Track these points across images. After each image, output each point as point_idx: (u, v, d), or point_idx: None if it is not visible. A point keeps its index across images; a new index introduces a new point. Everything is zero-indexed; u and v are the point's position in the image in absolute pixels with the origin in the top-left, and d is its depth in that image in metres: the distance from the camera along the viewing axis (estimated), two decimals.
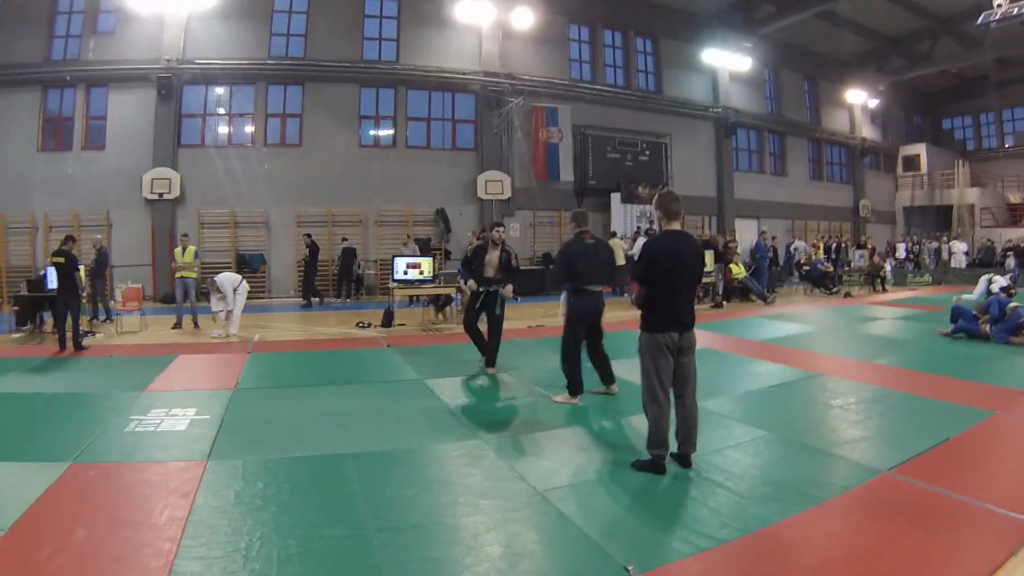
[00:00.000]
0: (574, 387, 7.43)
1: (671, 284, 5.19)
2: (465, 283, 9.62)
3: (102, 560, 3.80)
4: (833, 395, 7.51)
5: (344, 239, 20.68)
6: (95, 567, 3.73)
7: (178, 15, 20.76)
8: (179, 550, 3.89)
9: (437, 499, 4.78)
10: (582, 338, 7.48)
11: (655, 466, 5.11)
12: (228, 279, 13.00)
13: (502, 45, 23.17)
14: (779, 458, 5.55)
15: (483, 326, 9.24)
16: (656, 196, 5.50)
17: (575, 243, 7.50)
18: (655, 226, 22.94)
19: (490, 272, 9.00)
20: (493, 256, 9.01)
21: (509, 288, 9.01)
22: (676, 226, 5.35)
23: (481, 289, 9.04)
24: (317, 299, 18.96)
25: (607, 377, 7.71)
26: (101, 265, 15.58)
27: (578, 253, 7.39)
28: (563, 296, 8.56)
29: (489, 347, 9.11)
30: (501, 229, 9.30)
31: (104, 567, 3.72)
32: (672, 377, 5.22)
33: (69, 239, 12.00)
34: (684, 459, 5.22)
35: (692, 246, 5.45)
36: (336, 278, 20.77)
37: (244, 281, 13.32)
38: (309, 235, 19.43)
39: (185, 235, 15.31)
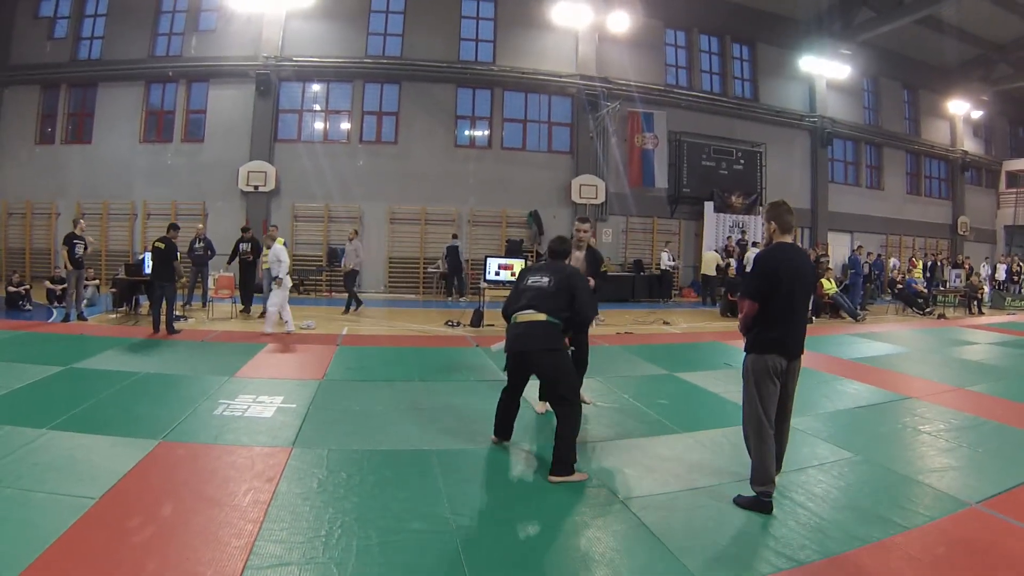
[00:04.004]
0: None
1: (787, 302, 4.68)
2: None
3: (186, 535, 3.95)
4: (922, 420, 7.17)
5: (454, 236, 20.78)
6: (179, 541, 3.87)
7: (277, 14, 21.24)
8: (260, 532, 4.00)
9: (518, 499, 4.83)
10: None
11: (761, 504, 4.59)
12: (277, 253, 12.41)
13: (598, 49, 22.88)
14: (863, 482, 5.31)
15: None
16: (769, 205, 5.03)
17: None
18: (747, 236, 22.90)
19: None
20: None
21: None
22: (789, 239, 4.87)
23: None
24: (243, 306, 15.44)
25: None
26: (211, 253, 15.95)
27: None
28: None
29: None
30: None
31: (188, 542, 3.86)
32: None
33: (173, 227, 12.34)
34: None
35: (807, 261, 4.99)
36: (444, 278, 20.92)
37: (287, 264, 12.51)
38: (248, 228, 16.44)
39: (274, 226, 15.39)
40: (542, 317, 5.36)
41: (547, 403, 6.85)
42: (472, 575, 3.65)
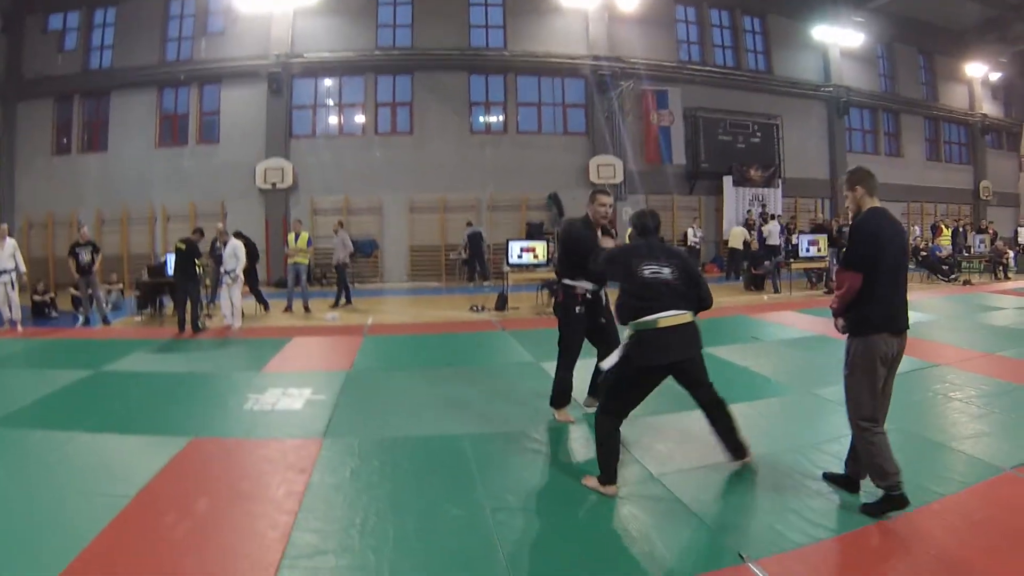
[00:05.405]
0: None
1: (895, 273, 4.10)
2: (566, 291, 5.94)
3: (222, 529, 3.98)
4: (952, 387, 7.00)
5: (469, 223, 20.90)
6: (216, 535, 3.89)
7: (285, 11, 21.29)
8: (296, 523, 4.00)
9: (552, 480, 4.82)
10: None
11: (892, 501, 3.98)
12: (235, 249, 12.44)
13: (609, 28, 22.74)
14: (895, 450, 4.98)
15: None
16: (849, 173, 4.46)
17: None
18: (767, 209, 22.65)
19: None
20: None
21: None
22: (878, 203, 4.29)
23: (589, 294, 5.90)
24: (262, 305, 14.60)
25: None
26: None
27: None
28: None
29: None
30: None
31: (224, 536, 3.90)
32: None
33: (198, 231, 12.48)
34: (855, 485, 4.32)
35: (902, 227, 4.42)
36: (466, 263, 21.06)
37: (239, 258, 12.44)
38: (240, 233, 14.41)
39: (298, 221, 15.50)
40: (689, 317, 4.55)
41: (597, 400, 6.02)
42: (509, 558, 3.60)
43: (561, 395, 6.10)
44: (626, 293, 4.60)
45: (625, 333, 4.61)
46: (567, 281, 5.86)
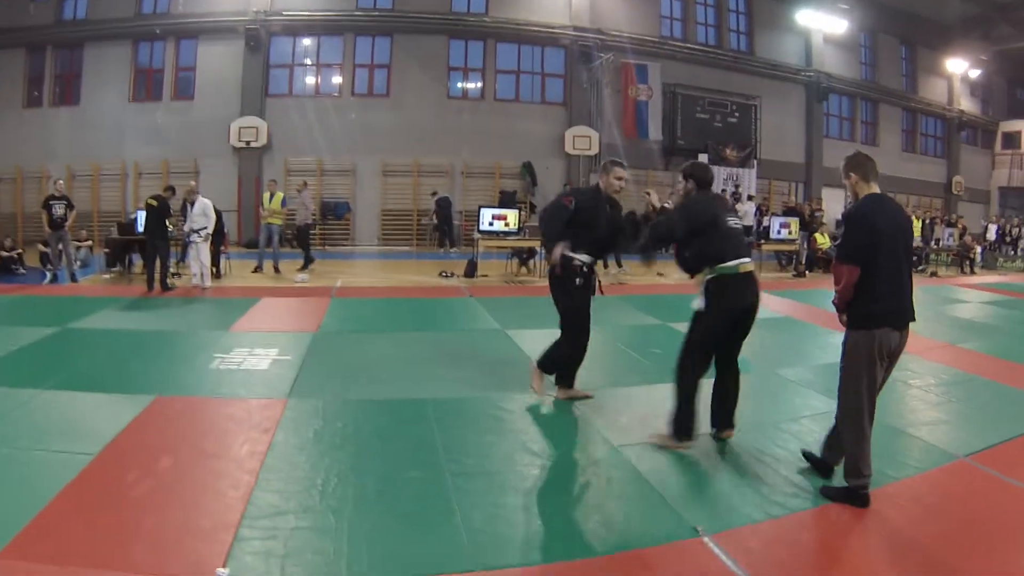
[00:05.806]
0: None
1: (894, 262, 3.88)
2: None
3: (184, 488, 3.98)
4: (912, 375, 7.05)
5: (434, 193, 20.76)
6: (178, 493, 3.90)
7: None
8: (258, 482, 4.02)
9: (513, 448, 4.82)
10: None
11: (856, 497, 3.91)
12: (204, 208, 12.22)
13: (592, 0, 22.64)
14: None
15: None
16: (845, 160, 4.23)
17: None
18: (742, 190, 22.74)
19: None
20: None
21: None
22: (876, 189, 4.07)
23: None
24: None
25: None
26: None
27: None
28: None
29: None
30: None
31: (186, 494, 3.90)
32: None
33: (169, 188, 12.46)
34: (829, 470, 4.27)
35: (904, 212, 4.23)
36: (437, 229, 21.00)
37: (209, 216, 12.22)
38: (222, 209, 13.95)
39: (273, 181, 15.40)
40: (753, 266, 4.79)
41: (568, 389, 5.81)
42: (466, 522, 3.62)
43: (552, 364, 5.74)
44: (705, 243, 4.69)
45: (699, 281, 4.71)
46: (565, 253, 5.50)
